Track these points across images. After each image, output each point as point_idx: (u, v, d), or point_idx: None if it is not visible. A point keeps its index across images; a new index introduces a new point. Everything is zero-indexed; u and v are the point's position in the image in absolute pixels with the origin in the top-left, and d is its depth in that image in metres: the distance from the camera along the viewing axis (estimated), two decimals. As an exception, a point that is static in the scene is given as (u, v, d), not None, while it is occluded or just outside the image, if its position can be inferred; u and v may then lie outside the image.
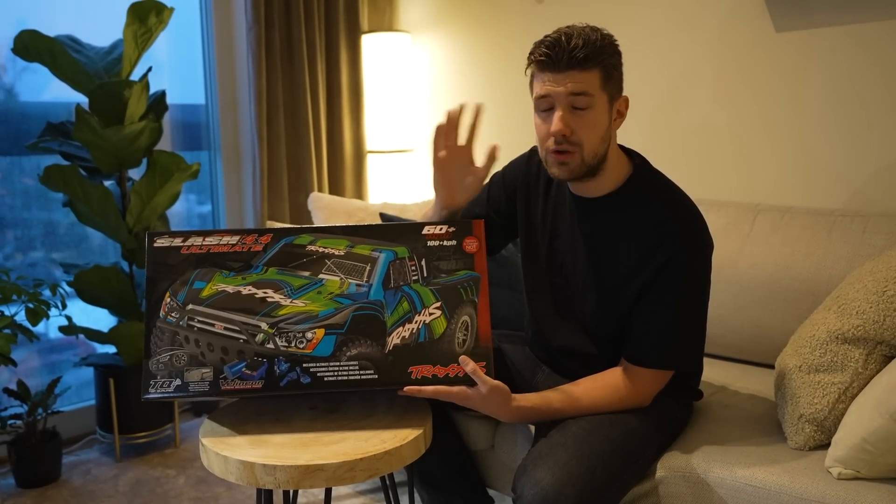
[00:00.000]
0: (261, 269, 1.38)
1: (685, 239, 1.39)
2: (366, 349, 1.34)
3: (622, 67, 1.40)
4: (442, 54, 3.00)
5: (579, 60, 1.32)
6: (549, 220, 1.56)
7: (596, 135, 1.37)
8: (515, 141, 2.80)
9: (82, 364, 2.47)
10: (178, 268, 1.38)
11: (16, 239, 2.53)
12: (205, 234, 1.39)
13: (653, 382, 1.44)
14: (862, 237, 1.79)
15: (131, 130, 2.23)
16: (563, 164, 1.39)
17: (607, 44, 1.35)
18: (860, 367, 1.41)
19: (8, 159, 2.49)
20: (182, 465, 2.43)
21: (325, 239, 1.39)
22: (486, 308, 1.37)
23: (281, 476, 1.22)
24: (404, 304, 1.36)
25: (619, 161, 1.46)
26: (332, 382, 1.33)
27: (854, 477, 1.31)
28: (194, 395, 1.33)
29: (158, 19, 2.26)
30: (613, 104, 1.39)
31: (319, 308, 1.35)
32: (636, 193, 1.45)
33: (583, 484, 1.27)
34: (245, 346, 1.34)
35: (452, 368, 1.35)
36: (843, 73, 2.02)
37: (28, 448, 2.25)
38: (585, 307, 1.51)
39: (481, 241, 1.40)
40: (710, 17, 2.24)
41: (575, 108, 1.35)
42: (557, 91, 1.35)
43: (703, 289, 1.44)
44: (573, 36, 1.33)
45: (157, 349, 1.35)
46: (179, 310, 1.36)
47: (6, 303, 2.14)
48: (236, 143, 2.92)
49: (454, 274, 1.38)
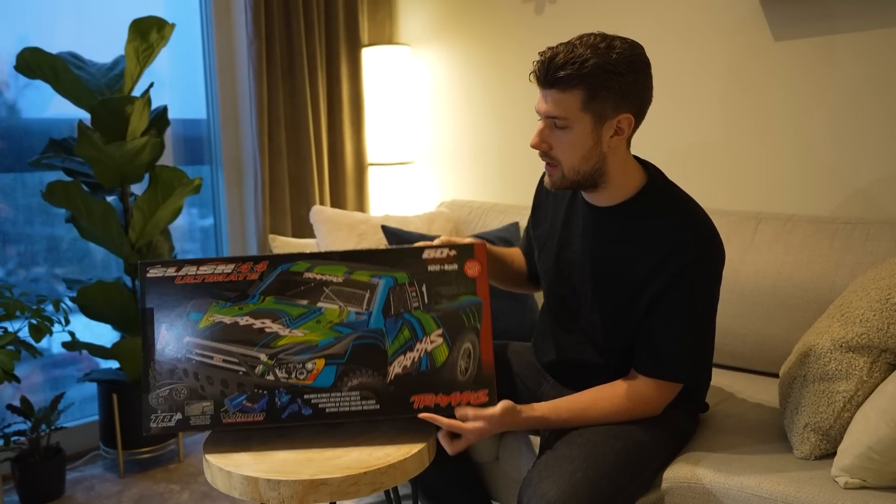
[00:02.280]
0: (258, 299, 1.35)
1: (697, 251, 1.38)
2: (367, 379, 1.33)
3: (635, 85, 1.35)
4: (442, 67, 3.01)
5: (559, 80, 1.32)
6: (559, 230, 1.57)
7: (575, 154, 1.37)
8: (514, 153, 2.81)
9: (85, 380, 2.46)
10: (174, 299, 1.35)
11: (18, 255, 2.53)
12: (198, 262, 1.36)
13: (663, 393, 1.44)
14: (864, 245, 1.79)
15: (133, 146, 2.24)
16: (550, 175, 1.43)
17: (601, 63, 1.30)
18: (865, 375, 1.41)
19: (11, 175, 2.50)
20: (186, 480, 2.42)
21: (323, 266, 1.36)
22: (489, 334, 1.35)
23: (285, 491, 1.22)
24: (405, 332, 1.34)
25: (629, 172, 1.44)
26: (333, 413, 1.33)
27: (861, 486, 1.30)
28: (196, 428, 1.34)
29: (160, 35, 2.27)
30: (603, 123, 1.35)
31: (319, 337, 1.33)
32: (649, 204, 1.44)
33: (588, 496, 1.27)
34: (245, 379, 1.33)
35: (455, 397, 1.35)
36: (842, 81, 2.02)
37: (32, 464, 2.25)
38: (593, 317, 1.50)
39: (483, 264, 1.37)
40: (708, 27, 2.25)
41: (555, 126, 1.37)
42: (539, 108, 1.38)
43: (713, 301, 1.44)
44: (560, 54, 1.32)
45: (156, 383, 1.33)
46: (177, 342, 1.34)
47: (9, 319, 2.14)
48: (238, 158, 2.93)
49: (456, 299, 1.36)
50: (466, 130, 2.96)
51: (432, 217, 2.67)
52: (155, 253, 2.48)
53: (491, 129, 2.88)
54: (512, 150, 2.83)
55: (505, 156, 2.85)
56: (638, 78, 1.35)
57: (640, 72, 1.35)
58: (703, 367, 1.48)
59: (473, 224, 2.67)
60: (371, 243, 2.44)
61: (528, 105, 2.75)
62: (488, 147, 2.90)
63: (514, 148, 2.81)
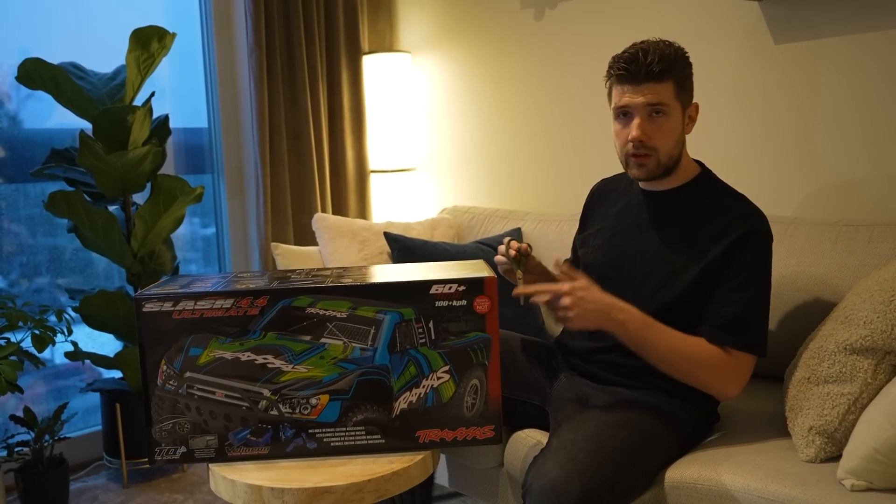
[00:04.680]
0: (259, 334, 1.31)
1: (753, 223, 1.49)
2: (372, 414, 1.32)
3: (693, 77, 1.55)
4: (442, 74, 3.02)
5: (656, 74, 1.47)
6: (612, 222, 1.68)
7: (671, 139, 1.52)
8: (515, 159, 2.81)
9: (88, 389, 2.46)
10: (172, 333, 1.31)
11: (21, 266, 2.54)
12: (196, 297, 1.31)
13: (742, 367, 1.48)
14: (867, 247, 1.79)
15: (135, 155, 2.24)
16: (642, 165, 1.54)
17: (680, 56, 1.50)
18: (869, 377, 1.40)
19: (13, 186, 2.50)
20: (189, 489, 2.41)
21: (326, 300, 1.31)
22: (497, 369, 1.34)
23: (289, 499, 1.22)
24: (411, 369, 1.32)
25: (689, 162, 1.61)
26: (338, 448, 1.33)
27: (867, 488, 1.30)
28: (201, 461, 1.33)
29: (161, 45, 2.28)
30: (686, 111, 1.53)
31: (323, 374, 1.31)
32: (706, 187, 1.59)
33: (589, 476, 1.28)
34: (248, 413, 1.32)
35: (461, 432, 1.34)
36: (843, 83, 2.02)
37: (35, 475, 2.24)
38: (643, 291, 1.55)
39: (493, 300, 1.33)
40: (707, 32, 2.25)
41: (652, 116, 1.50)
42: (636, 101, 1.49)
43: (769, 275, 1.51)
44: (649, 51, 1.47)
45: (159, 416, 1.32)
46: (177, 377, 1.32)
47: (12, 329, 2.14)
48: (239, 166, 2.94)
49: (464, 336, 1.32)
50: (467, 137, 2.97)
51: (434, 223, 2.67)
52: (157, 262, 2.48)
53: (492, 135, 2.88)
54: (513, 156, 2.83)
55: (506, 162, 2.85)
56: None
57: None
58: (763, 339, 1.50)
59: (476, 230, 2.67)
60: (373, 250, 2.44)
61: (529, 111, 2.75)
62: (489, 153, 2.90)
63: (515, 154, 2.81)
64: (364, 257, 2.42)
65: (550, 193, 2.72)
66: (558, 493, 1.26)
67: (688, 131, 1.56)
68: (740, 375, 1.48)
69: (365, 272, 1.43)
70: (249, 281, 1.39)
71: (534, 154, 2.76)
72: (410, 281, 1.32)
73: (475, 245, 2.42)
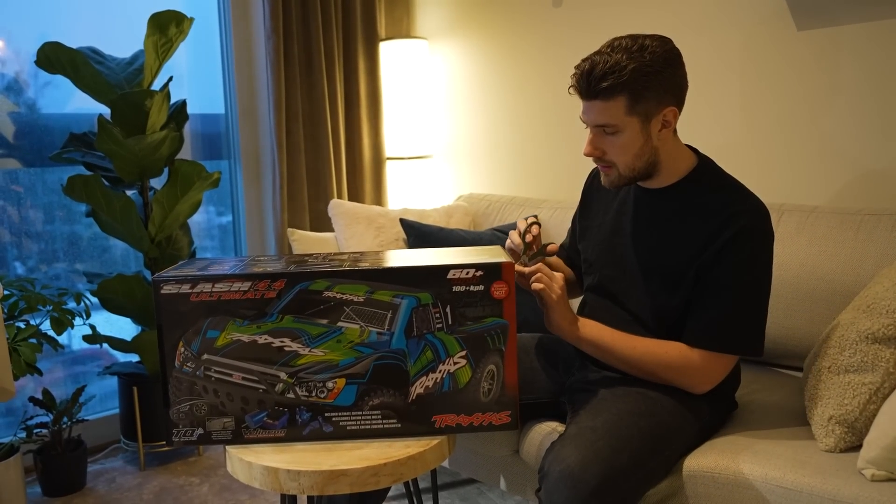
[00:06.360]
0: (276, 317, 1.31)
1: (750, 221, 1.41)
2: (388, 398, 1.32)
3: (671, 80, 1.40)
4: (459, 60, 3.00)
5: (602, 91, 1.38)
6: (612, 217, 1.61)
7: (627, 154, 1.44)
8: (532, 147, 2.79)
9: (106, 373, 2.48)
10: (189, 316, 1.31)
11: (40, 252, 2.55)
12: (214, 279, 1.31)
13: (710, 366, 1.44)
14: (890, 235, 1.76)
15: (153, 140, 2.25)
16: (606, 175, 1.49)
17: (640, 66, 1.36)
18: (891, 367, 1.38)
19: (32, 172, 2.52)
20: (206, 472, 2.43)
21: (343, 284, 1.31)
22: (514, 355, 1.33)
23: (305, 481, 1.22)
24: (428, 354, 1.32)
25: (679, 156, 1.50)
26: (354, 431, 1.33)
27: (888, 478, 1.28)
28: (218, 442, 1.34)
29: (178, 30, 2.28)
30: (650, 120, 1.41)
31: (339, 357, 1.31)
32: (701, 182, 1.49)
33: (608, 463, 1.28)
34: (265, 396, 1.32)
35: (477, 417, 1.34)
36: (865, 71, 1.99)
37: (54, 457, 2.27)
38: (643, 294, 1.52)
39: (510, 285, 1.31)
40: (727, 18, 2.23)
41: (604, 133, 1.43)
42: (586, 118, 1.44)
43: (763, 274, 1.44)
44: (598, 66, 1.37)
45: (177, 398, 1.33)
46: (195, 359, 1.32)
47: (31, 312, 2.16)
48: (256, 152, 2.94)
49: (481, 321, 1.32)
50: (484, 124, 2.95)
51: (450, 211, 2.67)
52: (174, 247, 2.49)
53: (509, 122, 2.87)
54: (530, 144, 2.81)
55: (523, 149, 2.84)
56: (675, 71, 1.41)
57: (674, 65, 1.41)
58: (752, 340, 1.45)
59: (492, 218, 2.66)
60: (389, 236, 2.44)
61: (546, 98, 2.74)
62: (506, 141, 2.89)
63: (532, 141, 2.80)
64: (380, 243, 2.42)
65: (567, 181, 2.71)
66: (576, 479, 1.26)
67: (664, 137, 1.45)
68: (709, 375, 1.45)
69: (382, 257, 1.43)
70: (267, 264, 1.39)
71: (551, 142, 2.74)
72: (428, 265, 1.31)
73: (491, 232, 2.42)
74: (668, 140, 1.47)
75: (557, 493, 1.27)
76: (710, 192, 1.47)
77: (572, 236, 1.82)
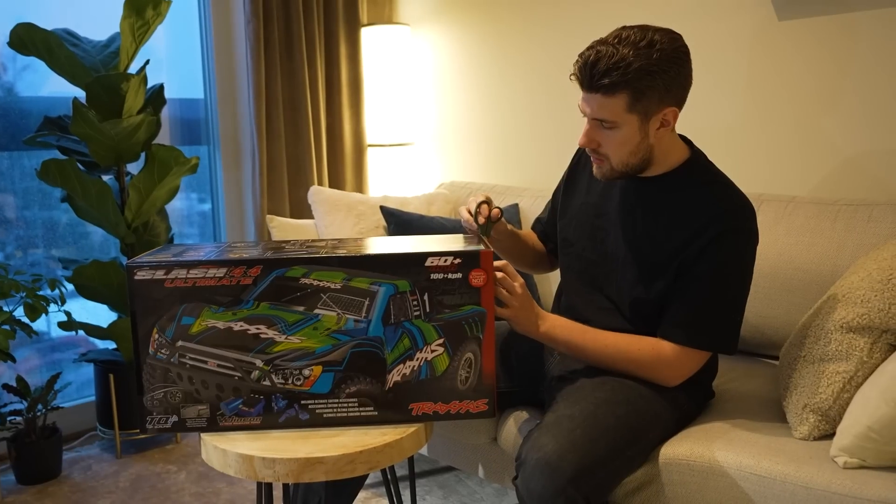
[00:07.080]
0: (252, 304, 1.30)
1: (733, 221, 1.40)
2: (365, 386, 1.31)
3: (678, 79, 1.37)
4: (442, 46, 2.99)
5: (604, 86, 1.34)
6: (596, 198, 1.59)
7: (623, 150, 1.42)
8: (514, 135, 2.79)
9: (82, 360, 2.46)
10: (164, 302, 1.30)
11: (17, 238, 2.52)
12: (189, 265, 1.29)
13: (683, 360, 1.44)
14: (867, 226, 1.78)
15: (129, 124, 2.22)
16: (598, 167, 1.48)
17: (645, 64, 1.32)
18: (865, 356, 1.40)
19: (7, 156, 2.48)
20: (183, 460, 2.42)
21: (320, 271, 1.30)
22: (492, 343, 1.32)
23: (280, 469, 1.21)
24: (405, 341, 1.31)
25: (672, 149, 1.48)
26: (331, 419, 1.32)
27: (860, 466, 1.29)
28: (193, 430, 1.32)
29: (156, 12, 2.24)
30: (650, 119, 1.39)
31: (316, 345, 1.30)
32: (691, 176, 1.48)
33: (584, 452, 1.28)
34: (241, 384, 1.30)
35: (454, 405, 1.33)
36: (843, 61, 2.00)
37: (28, 444, 2.25)
38: (623, 281, 1.51)
39: (489, 273, 1.31)
40: (711, 6, 2.22)
41: (601, 126, 1.41)
42: (585, 110, 1.41)
43: (744, 275, 1.44)
44: (602, 59, 1.33)
45: (151, 385, 1.31)
46: (169, 346, 1.30)
47: (4, 298, 2.13)
48: (236, 138, 2.91)
49: (458, 309, 1.31)
50: (466, 111, 2.94)
51: (431, 198, 2.66)
52: (152, 233, 2.46)
53: (491, 110, 2.86)
54: (512, 132, 2.80)
55: (504, 137, 2.83)
56: (680, 70, 1.37)
57: (681, 64, 1.37)
58: (725, 338, 1.45)
59: (472, 206, 2.65)
60: (370, 224, 2.42)
61: (529, 86, 2.73)
62: (488, 128, 2.88)
63: (514, 129, 2.79)
64: (360, 231, 2.41)
65: (549, 169, 2.70)
66: (553, 467, 1.26)
67: (661, 135, 1.43)
68: (680, 369, 1.45)
69: (360, 244, 1.42)
70: (243, 251, 1.37)
71: (533, 130, 2.74)
72: (406, 253, 1.30)
73: (472, 220, 2.41)
74: (665, 137, 1.45)
75: (534, 481, 1.27)
76: (700, 187, 1.45)
77: (551, 211, 1.80)
